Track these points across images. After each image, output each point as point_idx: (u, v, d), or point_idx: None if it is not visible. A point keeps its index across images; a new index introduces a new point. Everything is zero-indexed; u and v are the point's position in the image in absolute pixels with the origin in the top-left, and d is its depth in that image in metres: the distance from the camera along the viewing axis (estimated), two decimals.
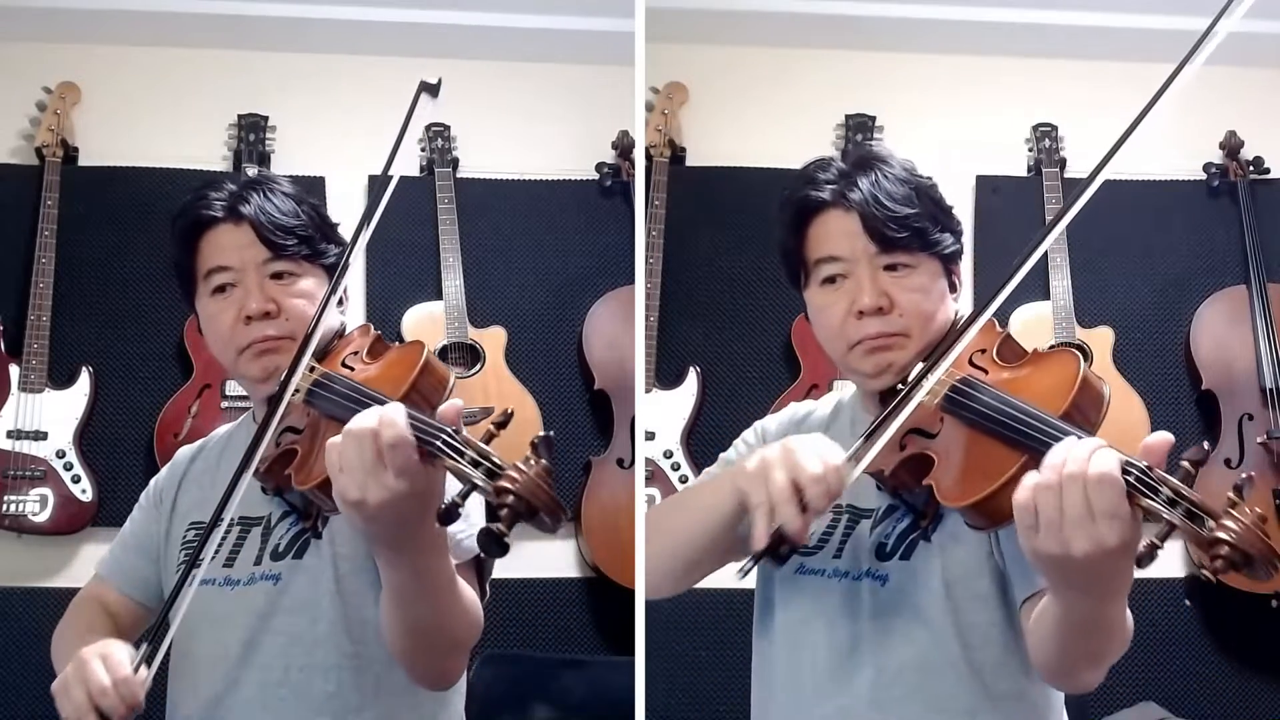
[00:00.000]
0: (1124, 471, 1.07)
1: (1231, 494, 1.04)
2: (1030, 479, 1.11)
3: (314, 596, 1.44)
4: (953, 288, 1.47)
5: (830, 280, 1.44)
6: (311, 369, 1.40)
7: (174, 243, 1.56)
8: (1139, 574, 1.11)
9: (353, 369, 1.41)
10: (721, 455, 1.68)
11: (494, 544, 1.10)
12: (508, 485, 1.10)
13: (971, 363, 1.36)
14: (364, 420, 1.16)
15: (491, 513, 1.13)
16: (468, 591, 1.35)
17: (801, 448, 1.27)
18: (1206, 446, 1.09)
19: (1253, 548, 1.01)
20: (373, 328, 1.51)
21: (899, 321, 1.40)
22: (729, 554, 1.50)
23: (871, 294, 1.40)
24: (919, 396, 1.31)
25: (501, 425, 1.17)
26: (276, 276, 1.51)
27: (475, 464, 1.14)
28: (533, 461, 1.13)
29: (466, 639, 1.37)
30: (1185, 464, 1.08)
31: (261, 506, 1.50)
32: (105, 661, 1.30)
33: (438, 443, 1.16)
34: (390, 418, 1.15)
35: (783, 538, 1.24)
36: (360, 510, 1.16)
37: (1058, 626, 1.22)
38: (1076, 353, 1.30)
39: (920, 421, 1.32)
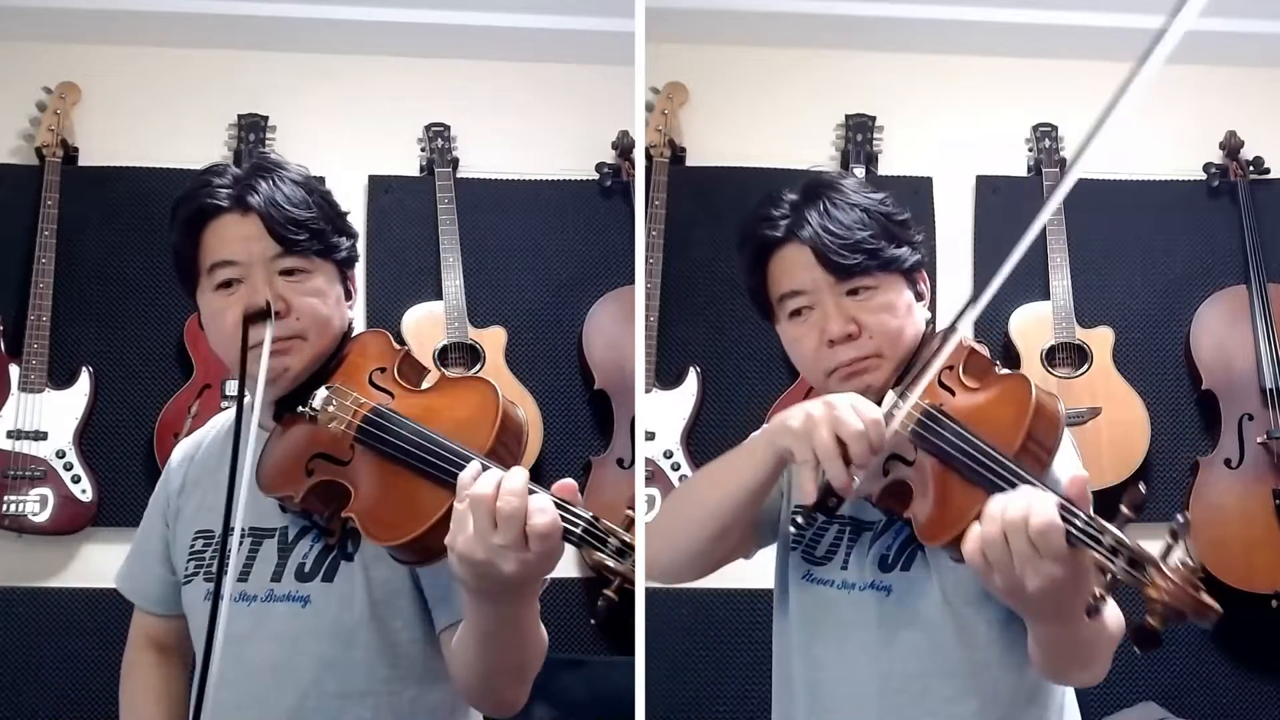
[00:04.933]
0: (1066, 520, 1.13)
1: (1168, 537, 1.09)
2: (974, 531, 1.17)
3: (348, 621, 1.40)
4: (919, 296, 1.49)
5: (797, 313, 1.47)
6: (348, 394, 1.33)
7: (175, 230, 1.46)
8: None
9: (390, 394, 1.36)
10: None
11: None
12: None
13: (940, 382, 1.38)
14: (510, 499, 1.12)
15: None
16: (540, 625, 1.34)
17: (841, 404, 1.30)
18: (1143, 489, 1.14)
19: (1183, 604, 1.07)
20: (393, 340, 1.44)
21: (869, 344, 1.43)
22: (745, 540, 1.53)
23: (839, 322, 1.42)
24: (893, 426, 1.32)
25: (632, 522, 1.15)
26: (286, 273, 1.42)
27: (621, 554, 1.12)
28: None
29: (537, 666, 1.36)
30: (1124, 510, 1.12)
31: (276, 518, 1.44)
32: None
33: (578, 530, 1.13)
34: (541, 504, 1.13)
35: (830, 491, 1.28)
36: (484, 569, 1.14)
37: (1039, 645, 1.29)
38: (1028, 379, 1.31)
39: (898, 447, 1.34)
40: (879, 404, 1.39)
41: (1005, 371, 1.38)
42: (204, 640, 1.28)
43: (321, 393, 1.35)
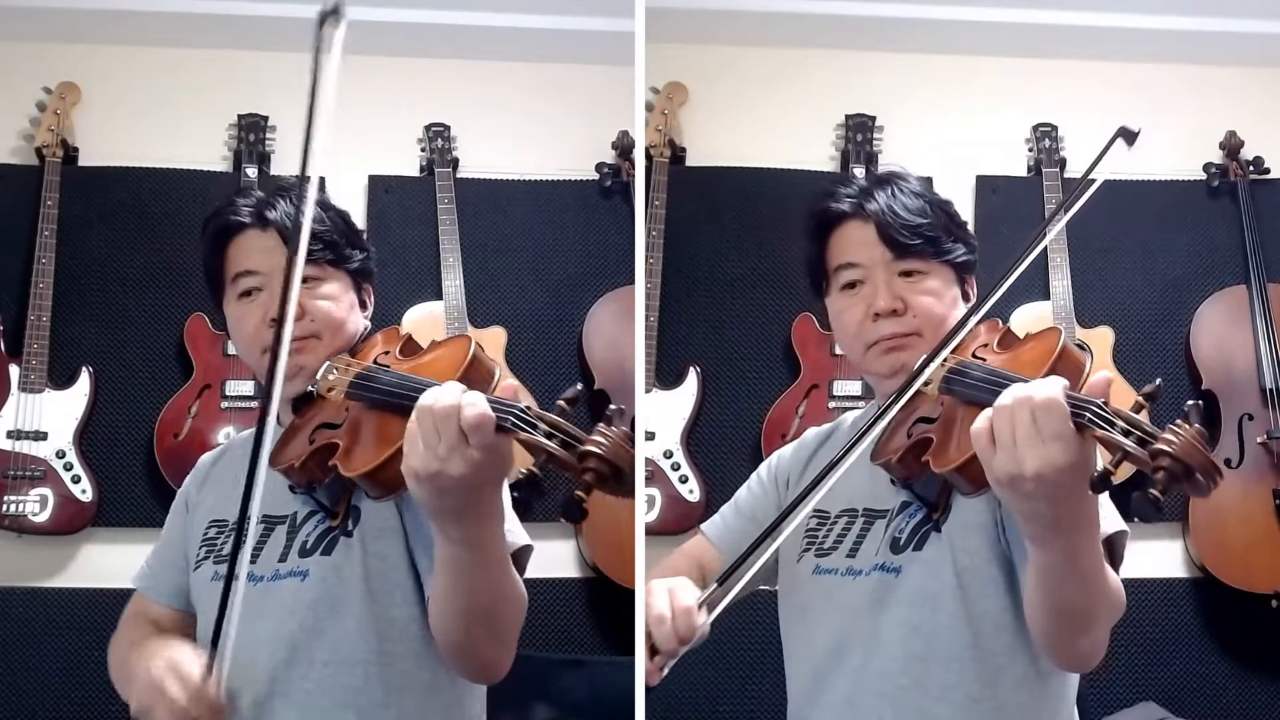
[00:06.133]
0: (1081, 408, 1.15)
1: (1180, 420, 1.12)
2: (984, 414, 1.19)
3: (342, 594, 1.46)
4: (966, 297, 1.55)
5: (850, 286, 1.55)
6: (347, 366, 1.45)
7: (203, 246, 1.60)
8: (1139, 574, 1.13)
9: (388, 367, 1.45)
10: (736, 494, 1.75)
11: (577, 509, 1.16)
12: (593, 449, 1.16)
13: (974, 355, 1.43)
14: (444, 398, 1.20)
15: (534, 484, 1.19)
16: (517, 581, 1.39)
17: (658, 591, 1.35)
18: (1159, 382, 1.18)
19: (1191, 458, 1.09)
20: (401, 329, 1.56)
21: (912, 322, 1.50)
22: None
23: (887, 297, 1.50)
24: (910, 392, 1.38)
25: (572, 402, 1.22)
26: (302, 280, 1.51)
27: (549, 436, 1.19)
28: (612, 429, 1.18)
29: (515, 621, 1.40)
30: (1138, 398, 1.17)
31: (287, 505, 1.51)
32: (178, 677, 1.36)
33: (511, 418, 1.20)
34: (471, 399, 1.20)
35: None
36: (436, 481, 1.20)
37: (1039, 579, 1.28)
38: (1059, 330, 1.38)
39: (924, 410, 1.39)
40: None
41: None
42: (212, 618, 1.38)
43: (324, 366, 1.49)
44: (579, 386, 1.25)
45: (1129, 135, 1.42)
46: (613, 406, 1.21)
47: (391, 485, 1.30)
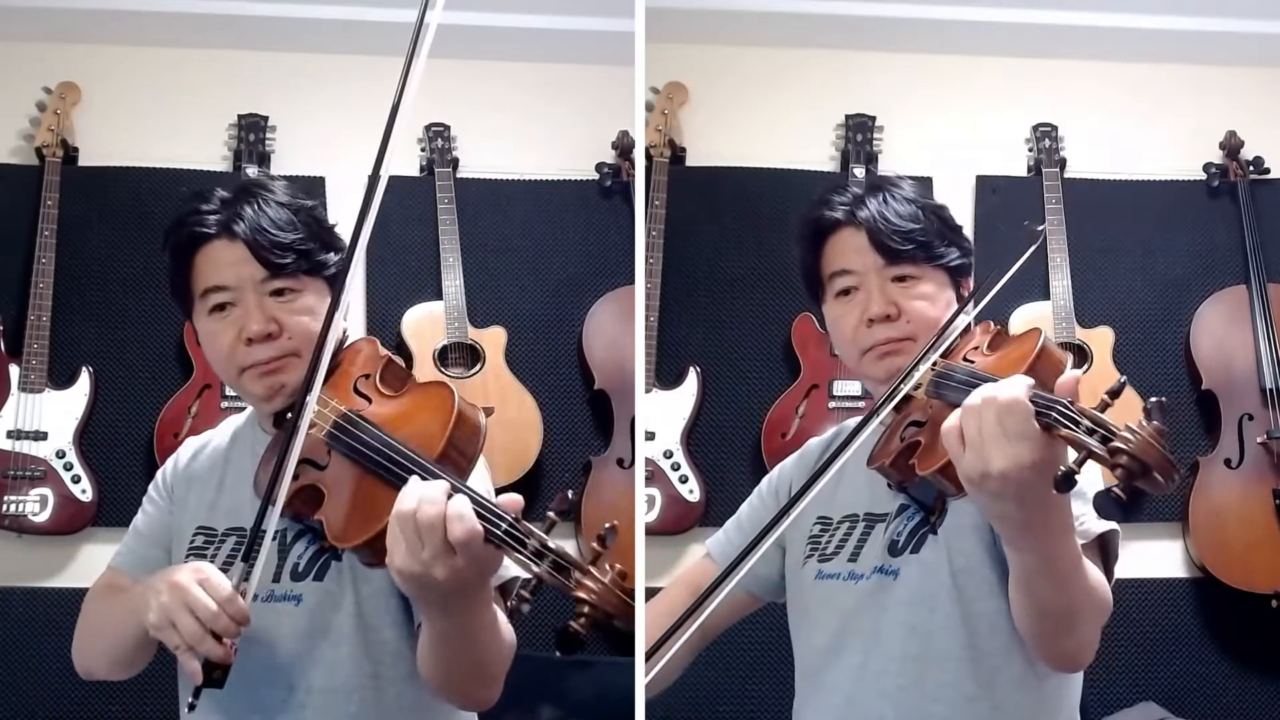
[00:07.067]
0: (1047, 407, 1.16)
1: (1142, 416, 1.13)
2: (955, 412, 1.20)
3: (335, 619, 1.45)
4: (961, 301, 1.55)
5: (844, 293, 1.57)
6: (327, 402, 1.37)
7: (168, 258, 1.52)
8: (1139, 574, 1.14)
9: (369, 400, 1.39)
10: (739, 510, 1.77)
11: (572, 645, 1.10)
12: (585, 596, 1.10)
13: (965, 359, 1.44)
14: (427, 509, 1.14)
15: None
16: (504, 625, 1.35)
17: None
18: (1123, 379, 1.19)
19: (1147, 456, 1.10)
20: (380, 345, 1.47)
21: (906, 327, 1.51)
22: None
23: (880, 302, 1.52)
24: (896, 399, 1.40)
25: (564, 514, 1.15)
26: (277, 293, 1.47)
27: (539, 555, 1.12)
28: (607, 568, 1.11)
29: (504, 665, 1.38)
30: (1104, 396, 1.17)
31: (275, 521, 1.44)
32: (205, 585, 1.27)
33: (499, 531, 1.14)
34: (458, 510, 1.14)
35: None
36: (420, 581, 1.17)
37: (1018, 580, 1.29)
38: (1040, 330, 1.38)
39: (916, 414, 1.41)
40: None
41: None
42: None
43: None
44: (570, 495, 1.17)
45: (1033, 235, 1.47)
46: (606, 525, 1.12)
47: (384, 554, 1.24)
